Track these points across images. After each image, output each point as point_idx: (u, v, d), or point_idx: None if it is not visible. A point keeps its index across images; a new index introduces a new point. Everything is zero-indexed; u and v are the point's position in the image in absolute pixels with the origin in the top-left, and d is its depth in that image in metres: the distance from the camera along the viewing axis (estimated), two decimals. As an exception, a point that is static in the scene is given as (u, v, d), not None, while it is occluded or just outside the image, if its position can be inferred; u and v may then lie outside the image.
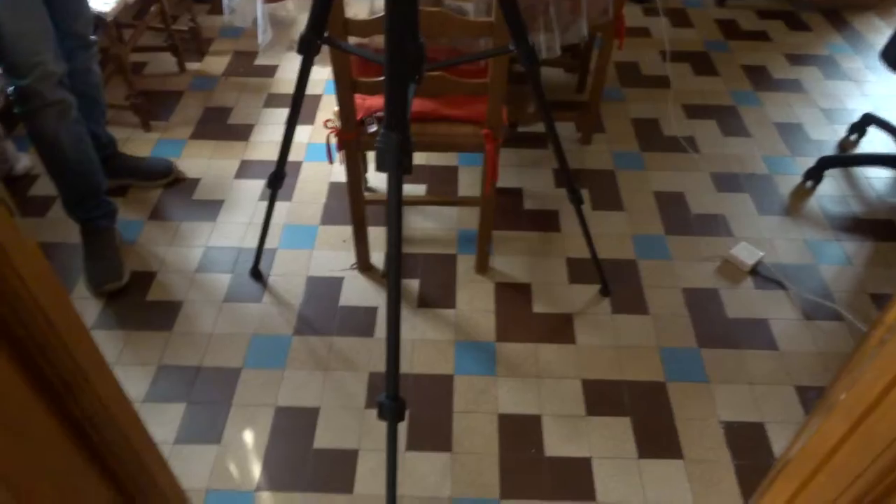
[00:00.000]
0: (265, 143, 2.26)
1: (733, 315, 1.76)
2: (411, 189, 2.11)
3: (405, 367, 1.62)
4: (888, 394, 0.81)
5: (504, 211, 2.04)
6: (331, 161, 1.61)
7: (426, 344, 1.67)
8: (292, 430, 1.49)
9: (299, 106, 1.40)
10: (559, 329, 1.72)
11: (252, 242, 1.91)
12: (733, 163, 2.23)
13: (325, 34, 1.28)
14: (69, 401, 0.61)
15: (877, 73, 2.67)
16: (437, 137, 1.58)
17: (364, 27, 1.37)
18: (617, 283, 1.83)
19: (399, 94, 0.97)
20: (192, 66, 2.63)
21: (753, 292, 1.82)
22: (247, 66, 2.64)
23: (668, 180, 2.16)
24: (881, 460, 0.66)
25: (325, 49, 1.43)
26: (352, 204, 1.69)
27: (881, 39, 2.87)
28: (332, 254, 1.90)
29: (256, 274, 1.82)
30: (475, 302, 1.78)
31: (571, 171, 2.18)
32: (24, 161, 2.11)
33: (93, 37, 1.84)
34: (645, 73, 2.65)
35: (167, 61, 2.63)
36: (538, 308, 1.77)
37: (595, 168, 2.20)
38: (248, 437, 1.48)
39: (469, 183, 2.14)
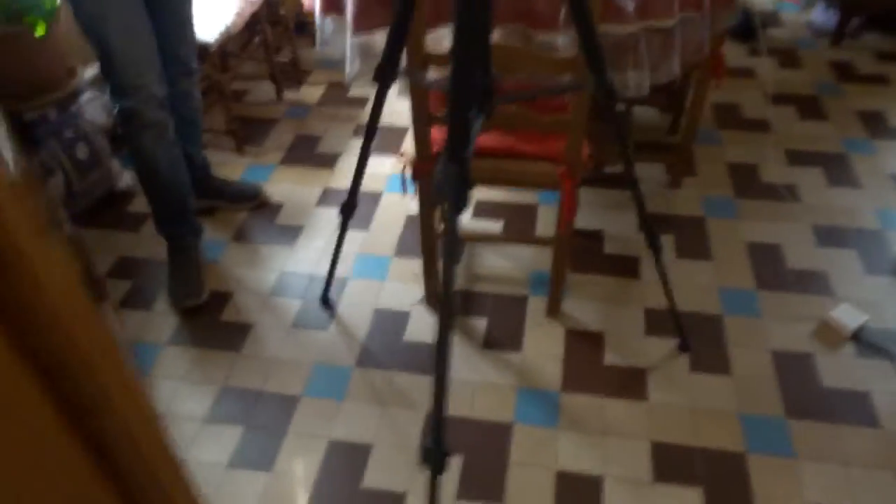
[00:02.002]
0: (350, 173, 2.30)
1: (829, 384, 1.59)
2: (487, 225, 2.07)
3: (464, 410, 1.57)
4: None
5: (582, 253, 1.96)
6: (405, 192, 1.60)
7: (487, 388, 1.61)
8: (343, 465, 1.47)
9: (373, 134, 1.41)
10: (630, 384, 1.61)
11: (326, 270, 1.93)
12: (839, 215, 2.05)
13: (401, 65, 1.27)
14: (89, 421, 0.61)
15: None
16: (510, 174, 1.54)
17: (443, 59, 1.36)
18: (698, 340, 1.70)
19: (461, 125, 0.95)
20: (290, 95, 2.74)
21: (854, 360, 1.64)
22: (340, 97, 2.72)
23: (764, 231, 2.01)
24: None
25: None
26: (423, 237, 1.68)
27: None
28: (403, 287, 1.89)
29: (326, 301, 1.83)
30: (543, 347, 1.71)
31: (657, 215, 2.08)
32: (126, 178, 2.25)
33: (195, 65, 1.94)
34: (746, 115, 2.50)
35: (267, 90, 2.75)
36: (610, 359, 1.67)
37: (682, 214, 2.09)
38: (299, 468, 1.47)
39: (548, 222, 2.08)
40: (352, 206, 1.54)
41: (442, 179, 0.96)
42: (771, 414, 1.54)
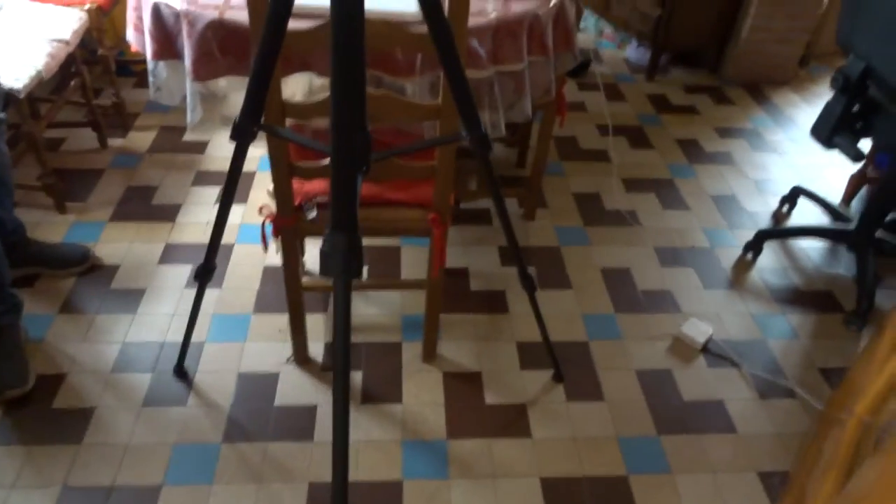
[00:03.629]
0: (193, 225, 2.12)
1: (689, 397, 1.71)
2: (351, 271, 2.00)
3: (349, 472, 1.47)
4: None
5: (450, 292, 1.95)
6: (266, 248, 1.50)
7: (371, 446, 1.53)
8: (221, 556, 1.32)
9: (231, 197, 1.29)
10: (513, 421, 1.61)
11: (177, 336, 1.74)
12: (675, 236, 2.23)
13: (261, 120, 1.18)
14: None
15: (798, 144, 2.78)
16: (380, 223, 1.50)
17: (304, 111, 1.29)
18: (570, 367, 1.75)
19: (348, 191, 0.89)
20: (115, 142, 2.49)
21: (707, 371, 1.78)
22: (174, 142, 2.51)
23: (614, 255, 2.14)
24: None
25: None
26: (288, 293, 1.57)
27: (797, 112, 3.01)
28: (267, 346, 1.75)
29: (181, 372, 1.65)
30: (423, 394, 1.66)
31: (516, 248, 2.14)
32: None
33: (0, 114, 1.69)
34: (584, 146, 2.67)
35: (88, 137, 2.47)
36: (490, 398, 1.66)
37: (540, 245, 2.16)
38: (170, 568, 1.30)
39: (412, 264, 2.05)
40: (209, 270, 1.40)
41: (329, 251, 0.88)
42: (644, 434, 1.61)
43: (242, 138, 1.14)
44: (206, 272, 1.38)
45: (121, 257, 1.99)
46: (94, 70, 2.46)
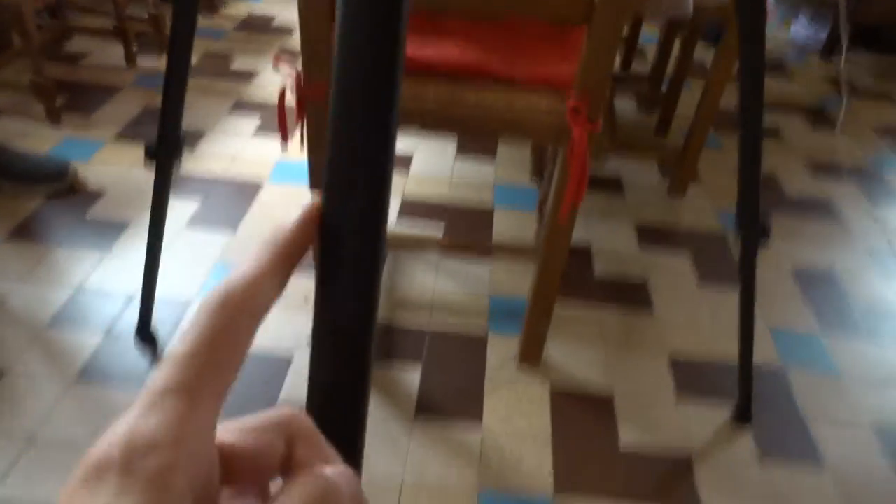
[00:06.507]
0: (215, 155, 1.57)
1: (978, 484, 0.98)
2: (424, 229, 1.39)
3: (381, 538, 0.84)
4: None
5: (564, 275, 1.30)
6: (285, 137, 0.90)
7: (428, 490, 0.89)
8: None
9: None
10: (669, 484, 0.94)
11: (158, 288, 1.17)
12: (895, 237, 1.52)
13: None
14: None
15: None
16: (483, 111, 0.88)
17: None
18: (759, 404, 1.07)
19: None
20: (147, 61, 2.00)
21: None
22: (218, 68, 2.00)
23: (808, 255, 1.44)
24: None
25: None
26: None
27: None
28: (284, 318, 1.15)
29: (146, 336, 1.07)
30: (517, 418, 1.01)
31: (662, 230, 1.48)
32: None
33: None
34: (743, 121, 1.99)
35: (117, 54, 2.00)
36: (629, 440, 1.00)
37: (695, 228, 1.49)
38: None
39: (506, 229, 1.42)
40: (170, 142, 0.81)
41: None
42: (910, 538, 0.90)
43: None
44: (164, 144, 0.79)
45: (111, 182, 1.45)
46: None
